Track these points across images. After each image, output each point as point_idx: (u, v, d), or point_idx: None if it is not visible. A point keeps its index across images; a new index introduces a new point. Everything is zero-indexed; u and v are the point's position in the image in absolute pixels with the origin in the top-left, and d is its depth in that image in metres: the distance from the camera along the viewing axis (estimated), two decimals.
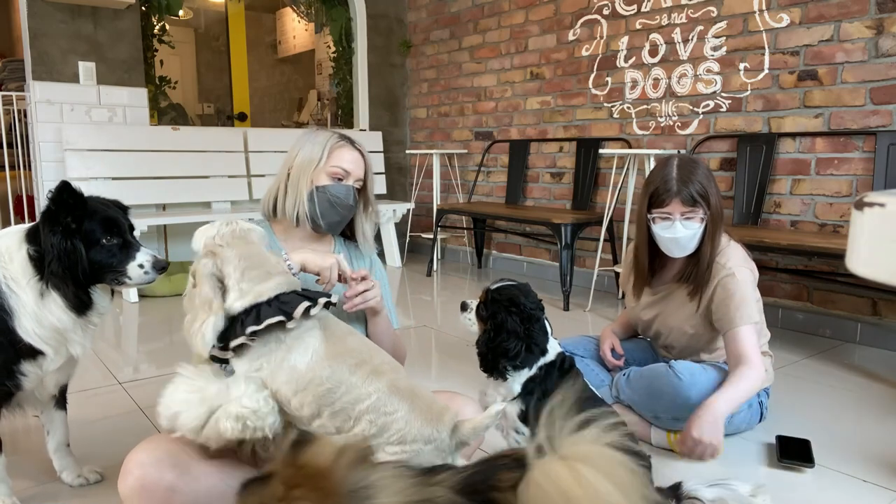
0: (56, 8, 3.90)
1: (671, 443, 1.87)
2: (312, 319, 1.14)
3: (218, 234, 1.19)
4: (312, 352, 1.10)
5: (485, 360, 1.42)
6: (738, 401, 1.75)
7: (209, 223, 1.25)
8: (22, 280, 1.38)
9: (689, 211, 1.79)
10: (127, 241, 1.48)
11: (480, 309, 1.46)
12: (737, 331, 1.79)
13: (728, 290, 1.81)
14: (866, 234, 0.73)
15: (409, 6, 5.47)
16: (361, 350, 1.14)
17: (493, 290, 1.45)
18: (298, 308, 1.09)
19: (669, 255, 1.89)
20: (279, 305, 1.11)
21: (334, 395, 1.08)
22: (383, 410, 1.07)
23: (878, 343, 2.94)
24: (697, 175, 1.80)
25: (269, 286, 1.14)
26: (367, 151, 1.67)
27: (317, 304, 1.12)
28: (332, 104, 6.15)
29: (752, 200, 3.26)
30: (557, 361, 1.44)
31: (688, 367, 1.82)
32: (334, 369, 1.09)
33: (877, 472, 1.77)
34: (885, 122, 2.87)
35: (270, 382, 1.10)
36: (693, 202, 1.78)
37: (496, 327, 1.40)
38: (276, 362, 1.10)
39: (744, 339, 1.78)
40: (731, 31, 3.38)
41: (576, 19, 4.16)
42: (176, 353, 2.82)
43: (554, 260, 4.45)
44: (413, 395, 1.10)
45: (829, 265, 3.04)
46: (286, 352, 1.10)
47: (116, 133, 4.07)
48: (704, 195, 1.79)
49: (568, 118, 4.29)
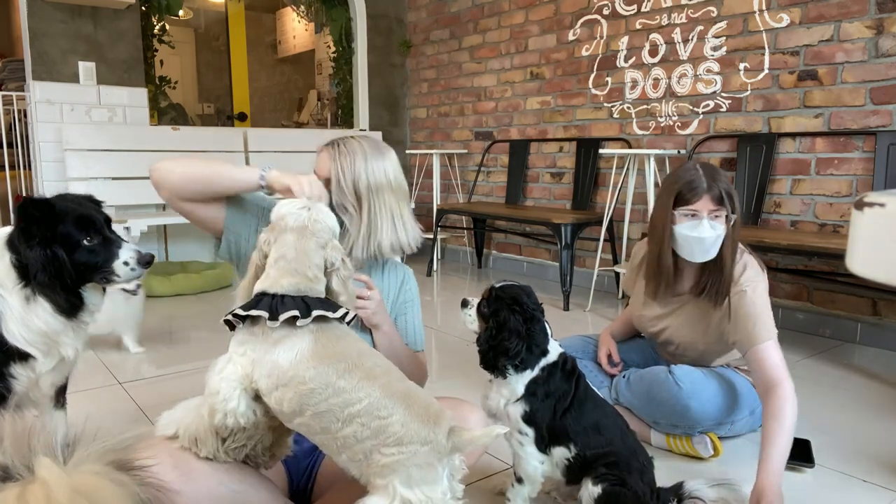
0: (56, 8, 3.90)
1: (670, 445, 1.87)
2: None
3: (289, 215, 1.20)
4: (298, 351, 1.09)
5: (485, 357, 1.42)
6: (787, 449, 1.55)
7: (294, 199, 1.26)
8: (7, 284, 1.36)
9: (716, 209, 1.72)
10: (107, 237, 1.45)
11: (482, 306, 1.46)
12: (758, 349, 1.68)
13: (745, 305, 1.71)
14: (866, 234, 0.73)
15: (409, 6, 5.47)
16: (351, 354, 1.12)
17: (497, 287, 1.45)
18: (284, 314, 1.09)
19: (689, 260, 1.79)
20: (277, 303, 1.11)
21: (319, 396, 1.07)
22: (376, 414, 1.05)
23: (878, 343, 2.94)
24: (723, 176, 1.75)
25: (284, 283, 1.14)
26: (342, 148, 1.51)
27: (309, 315, 1.11)
28: (332, 104, 6.15)
29: (752, 200, 3.26)
30: (560, 362, 1.44)
31: (688, 374, 1.80)
32: (319, 371, 1.08)
33: (877, 472, 1.77)
34: (885, 122, 2.87)
35: (252, 371, 1.11)
36: (720, 200, 1.71)
37: (498, 325, 1.40)
38: (260, 352, 1.10)
39: (768, 359, 1.66)
40: (731, 31, 3.38)
41: (576, 19, 4.16)
42: (176, 353, 2.82)
43: (554, 260, 4.45)
44: (409, 398, 1.09)
45: (829, 265, 3.04)
46: (272, 345, 1.10)
47: (116, 133, 4.07)
48: (731, 195, 1.73)
49: (568, 118, 4.29)
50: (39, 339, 1.39)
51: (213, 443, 1.13)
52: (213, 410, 1.10)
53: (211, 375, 1.12)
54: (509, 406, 1.42)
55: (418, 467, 1.03)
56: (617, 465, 1.37)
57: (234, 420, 1.10)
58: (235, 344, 1.14)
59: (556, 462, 1.42)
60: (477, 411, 1.44)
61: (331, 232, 1.23)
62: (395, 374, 1.15)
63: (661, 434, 1.88)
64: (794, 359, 2.76)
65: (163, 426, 1.16)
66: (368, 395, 1.07)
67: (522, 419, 1.40)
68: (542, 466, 1.42)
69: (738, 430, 1.91)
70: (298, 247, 1.17)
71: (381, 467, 1.04)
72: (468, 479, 1.63)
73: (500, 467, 1.75)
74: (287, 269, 1.16)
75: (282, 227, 1.19)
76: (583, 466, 1.40)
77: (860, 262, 0.73)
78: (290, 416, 1.09)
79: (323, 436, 1.09)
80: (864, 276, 0.74)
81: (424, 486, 1.03)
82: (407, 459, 1.03)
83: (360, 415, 1.06)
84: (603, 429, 1.40)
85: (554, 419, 1.40)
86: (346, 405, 1.07)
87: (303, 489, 1.44)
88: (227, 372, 1.11)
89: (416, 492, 1.02)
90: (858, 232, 0.74)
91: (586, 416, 1.40)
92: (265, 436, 1.19)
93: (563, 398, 1.41)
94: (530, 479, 1.43)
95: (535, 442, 1.41)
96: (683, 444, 1.85)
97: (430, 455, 1.04)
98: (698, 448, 1.82)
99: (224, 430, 1.12)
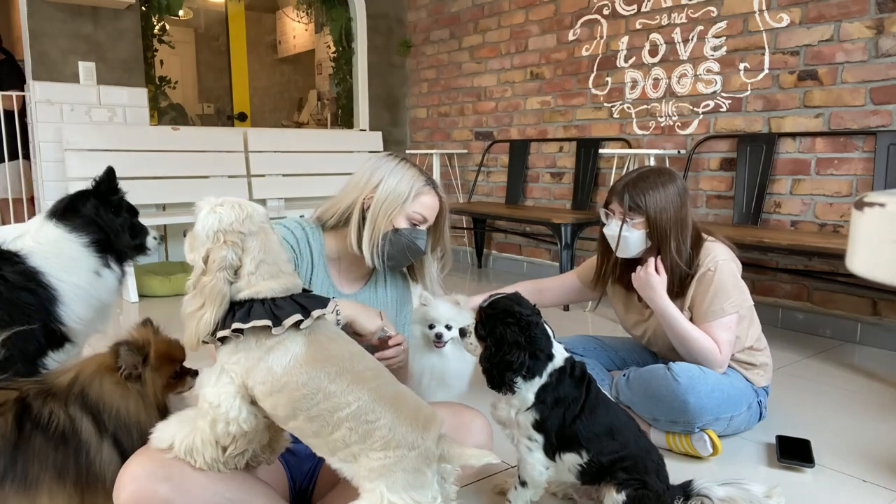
0: (56, 8, 3.90)
1: (670, 444, 1.87)
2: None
3: (237, 221, 1.10)
4: (291, 356, 1.07)
5: (490, 376, 1.38)
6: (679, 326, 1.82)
7: (208, 200, 1.14)
8: (75, 267, 1.56)
9: (622, 212, 1.85)
10: None
11: (478, 329, 1.43)
12: (707, 326, 1.83)
13: (703, 283, 1.84)
14: (866, 234, 0.73)
15: (409, 6, 5.47)
16: (343, 357, 1.11)
17: (485, 307, 1.42)
18: (289, 319, 1.07)
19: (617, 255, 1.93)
20: (272, 308, 1.08)
21: (311, 400, 1.06)
22: (364, 419, 1.05)
23: (878, 343, 2.94)
24: (648, 182, 1.83)
25: (273, 286, 1.11)
26: (444, 195, 1.63)
27: (309, 317, 1.10)
28: (332, 104, 6.15)
29: (752, 200, 3.26)
30: (567, 367, 1.42)
31: (686, 369, 1.81)
32: (311, 376, 1.07)
33: (877, 472, 1.77)
34: (885, 122, 2.87)
35: (246, 378, 1.09)
36: (628, 205, 1.83)
37: (496, 342, 1.37)
38: (253, 360, 1.08)
39: (713, 336, 1.83)
40: (731, 31, 3.38)
41: (576, 19, 4.16)
42: None
43: (554, 260, 4.45)
44: (398, 402, 1.08)
45: (829, 265, 3.04)
46: (265, 352, 1.08)
47: (116, 133, 4.07)
48: (637, 203, 1.82)
49: (568, 118, 4.29)
50: (94, 316, 1.60)
51: (212, 453, 1.11)
52: (215, 421, 1.08)
53: (205, 388, 1.11)
54: (520, 415, 1.40)
55: (406, 472, 1.03)
56: (636, 467, 1.36)
57: (237, 427, 1.09)
58: (227, 354, 1.10)
59: (569, 468, 1.40)
60: (480, 417, 1.43)
61: (269, 222, 1.18)
62: (387, 377, 1.14)
63: (661, 433, 1.88)
64: (794, 359, 2.76)
65: (157, 439, 1.13)
66: (357, 399, 1.06)
67: (533, 427, 1.39)
68: (547, 472, 1.41)
69: (736, 427, 1.92)
70: (268, 247, 1.13)
71: (368, 471, 1.04)
72: (469, 478, 1.64)
73: (501, 466, 1.75)
74: (271, 271, 1.12)
75: (242, 236, 1.11)
76: (599, 471, 1.38)
77: (860, 262, 0.73)
78: (285, 420, 1.09)
79: (315, 439, 1.08)
80: (864, 276, 0.74)
81: (413, 490, 1.02)
82: (394, 464, 1.02)
83: (348, 419, 1.05)
84: (617, 433, 1.38)
85: (563, 425, 1.38)
86: (336, 409, 1.06)
87: (304, 490, 1.44)
88: (222, 382, 1.09)
89: (404, 496, 1.01)
90: (858, 232, 0.74)
91: (599, 422, 1.38)
92: (263, 434, 1.18)
93: (573, 404, 1.38)
94: (534, 484, 1.42)
95: (544, 448, 1.39)
96: (683, 442, 1.85)
97: (417, 460, 1.04)
98: (697, 447, 1.83)
99: (226, 438, 1.10)
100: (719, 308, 1.81)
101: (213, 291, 1.07)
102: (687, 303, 1.88)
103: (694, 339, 1.82)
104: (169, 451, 1.12)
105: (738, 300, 1.83)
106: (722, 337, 1.82)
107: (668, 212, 1.82)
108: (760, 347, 1.96)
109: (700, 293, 1.84)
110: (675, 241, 1.84)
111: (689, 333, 1.82)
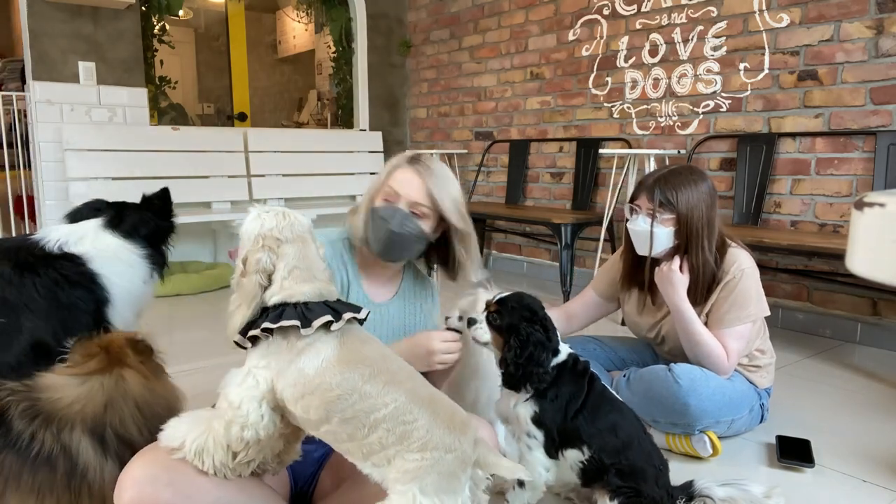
0: (56, 8, 3.90)
1: (670, 444, 1.87)
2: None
3: (276, 227, 1.15)
4: (323, 358, 1.07)
5: (513, 378, 1.38)
6: (692, 328, 1.80)
7: (256, 208, 1.20)
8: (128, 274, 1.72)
9: (651, 207, 1.79)
10: None
11: (492, 318, 1.42)
12: (720, 333, 1.81)
13: (728, 290, 1.81)
14: (866, 234, 0.73)
15: (409, 6, 5.47)
16: (376, 359, 1.10)
17: (509, 298, 1.41)
18: (318, 320, 1.07)
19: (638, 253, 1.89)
20: (304, 311, 1.09)
21: (345, 402, 1.05)
22: (402, 419, 1.03)
23: (878, 343, 2.94)
24: (679, 181, 1.78)
25: (305, 290, 1.12)
26: (436, 173, 1.45)
27: (340, 319, 1.10)
28: (332, 104, 6.15)
29: (752, 200, 3.26)
30: (570, 362, 1.42)
31: (688, 371, 1.80)
32: (345, 376, 1.06)
33: (877, 472, 1.77)
34: (885, 122, 2.87)
35: (276, 381, 1.08)
36: (659, 202, 1.78)
37: (521, 342, 1.36)
38: (284, 362, 1.08)
39: (725, 345, 1.81)
40: (731, 31, 3.38)
41: (576, 19, 4.16)
42: (176, 353, 2.81)
43: (554, 260, 4.45)
44: (434, 404, 1.07)
45: (829, 265, 3.04)
46: (296, 354, 1.08)
47: (116, 133, 4.07)
48: (670, 199, 1.77)
49: (568, 118, 4.29)
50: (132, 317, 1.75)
51: (222, 457, 1.09)
52: (231, 423, 1.07)
53: (228, 388, 1.10)
54: (518, 406, 1.40)
55: (441, 475, 1.01)
56: (632, 474, 1.35)
57: (252, 433, 1.08)
58: (256, 357, 1.10)
59: (571, 465, 1.40)
60: (487, 427, 1.41)
61: (310, 232, 1.22)
62: (420, 380, 1.13)
63: (661, 433, 1.88)
64: (794, 359, 2.76)
65: (168, 437, 1.12)
66: (395, 400, 1.05)
67: (532, 420, 1.38)
68: (547, 474, 1.40)
69: (737, 429, 1.92)
70: (304, 255, 1.15)
71: (402, 473, 1.02)
72: None
73: None
74: (304, 276, 1.13)
75: (279, 243, 1.15)
76: (599, 469, 1.38)
77: (860, 262, 0.73)
78: (317, 423, 1.07)
79: (349, 443, 1.07)
80: (864, 276, 0.74)
81: (444, 495, 1.01)
82: (430, 466, 1.01)
83: (385, 420, 1.04)
84: (619, 430, 1.38)
85: (565, 421, 1.38)
86: (372, 410, 1.05)
87: (304, 492, 1.44)
88: (247, 384, 1.08)
89: (436, 500, 1.00)
90: (858, 232, 0.74)
91: (602, 418, 1.38)
92: (276, 443, 1.16)
93: (574, 399, 1.38)
94: (532, 485, 1.41)
95: (545, 446, 1.39)
96: (683, 443, 1.85)
97: (454, 463, 1.02)
98: (697, 447, 1.82)
99: (239, 444, 1.09)
100: (735, 317, 1.80)
101: (248, 291, 1.12)
102: (706, 309, 1.86)
103: (704, 344, 1.80)
104: (178, 451, 1.10)
105: (756, 310, 1.82)
106: (732, 346, 1.81)
107: (699, 210, 1.77)
108: (765, 349, 1.95)
109: (721, 299, 1.82)
110: (705, 241, 1.80)
111: (700, 337, 1.80)
